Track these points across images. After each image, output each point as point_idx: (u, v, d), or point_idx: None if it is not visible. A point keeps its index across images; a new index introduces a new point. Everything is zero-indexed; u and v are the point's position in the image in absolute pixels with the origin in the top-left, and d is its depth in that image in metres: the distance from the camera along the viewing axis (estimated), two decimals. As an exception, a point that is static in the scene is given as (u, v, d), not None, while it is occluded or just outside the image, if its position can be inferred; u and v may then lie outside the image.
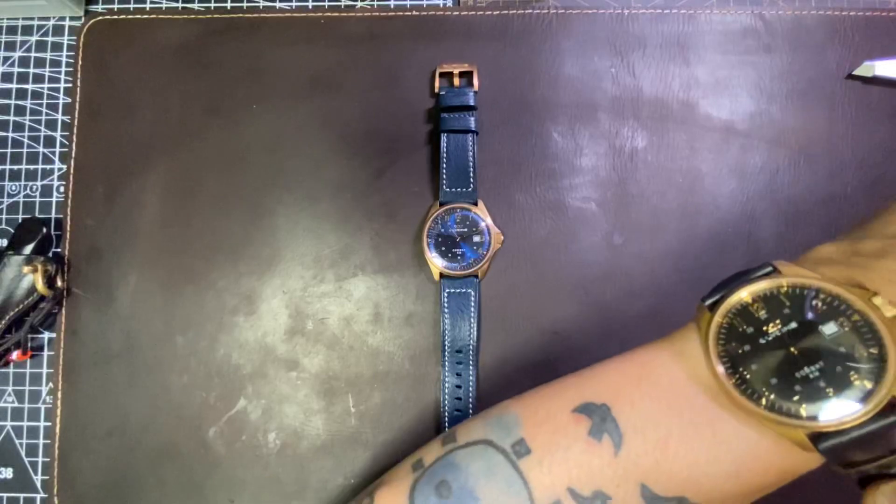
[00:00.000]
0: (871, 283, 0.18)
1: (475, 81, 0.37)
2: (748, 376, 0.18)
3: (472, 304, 0.35)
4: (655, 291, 0.36)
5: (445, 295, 0.35)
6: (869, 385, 0.16)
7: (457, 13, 0.38)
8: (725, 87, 0.37)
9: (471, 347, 0.35)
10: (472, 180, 0.36)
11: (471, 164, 0.36)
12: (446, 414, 0.35)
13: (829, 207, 0.36)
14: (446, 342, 0.35)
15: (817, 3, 0.39)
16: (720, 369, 0.19)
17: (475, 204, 0.36)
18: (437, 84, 0.37)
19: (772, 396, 0.17)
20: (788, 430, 0.17)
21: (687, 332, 0.21)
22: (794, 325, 0.18)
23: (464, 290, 0.35)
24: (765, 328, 0.18)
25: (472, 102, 0.36)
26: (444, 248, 0.35)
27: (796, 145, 0.37)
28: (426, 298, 0.37)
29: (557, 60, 0.38)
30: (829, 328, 0.17)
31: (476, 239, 0.35)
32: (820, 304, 0.18)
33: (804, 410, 0.17)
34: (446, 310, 0.35)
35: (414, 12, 0.39)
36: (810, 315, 0.18)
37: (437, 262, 0.35)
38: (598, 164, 0.37)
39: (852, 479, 0.19)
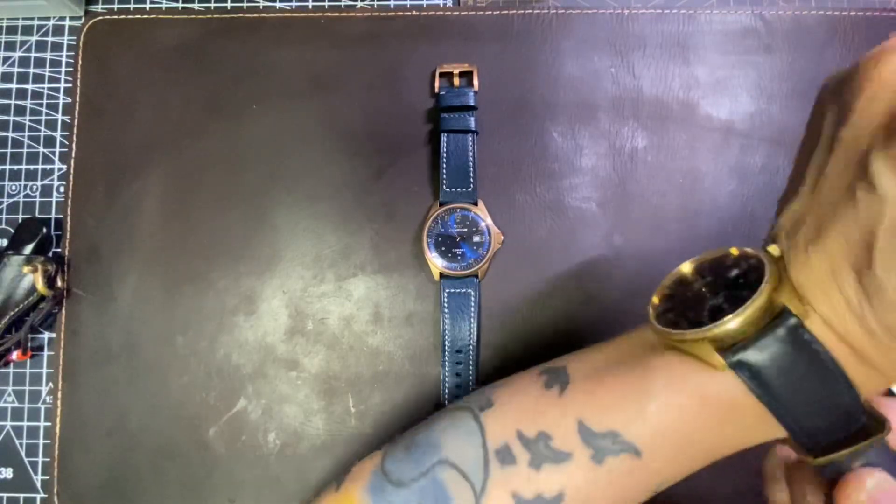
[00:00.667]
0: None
1: (475, 81, 0.37)
2: (671, 318, 0.21)
3: (472, 304, 0.35)
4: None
5: (445, 295, 0.35)
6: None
7: (457, 13, 0.38)
8: (725, 87, 0.37)
9: (471, 347, 0.35)
10: (472, 180, 0.36)
11: (471, 164, 0.36)
12: (446, 414, 0.35)
13: (829, 207, 0.36)
14: (446, 342, 0.35)
15: (817, 3, 0.39)
16: (654, 299, 0.22)
17: (475, 204, 0.36)
18: (437, 84, 0.37)
19: (687, 327, 0.20)
20: (697, 347, 0.19)
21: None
22: (709, 278, 0.21)
23: (464, 290, 0.35)
24: (690, 286, 0.22)
25: (472, 102, 0.36)
26: (444, 248, 0.35)
27: (796, 145, 0.37)
28: (426, 298, 0.37)
29: (557, 60, 0.38)
30: (733, 272, 0.20)
31: (476, 239, 0.35)
32: (730, 260, 0.21)
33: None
34: (446, 310, 0.35)
35: (414, 12, 0.39)
36: (720, 269, 0.21)
37: (437, 262, 0.35)
38: (598, 164, 0.37)
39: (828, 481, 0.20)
